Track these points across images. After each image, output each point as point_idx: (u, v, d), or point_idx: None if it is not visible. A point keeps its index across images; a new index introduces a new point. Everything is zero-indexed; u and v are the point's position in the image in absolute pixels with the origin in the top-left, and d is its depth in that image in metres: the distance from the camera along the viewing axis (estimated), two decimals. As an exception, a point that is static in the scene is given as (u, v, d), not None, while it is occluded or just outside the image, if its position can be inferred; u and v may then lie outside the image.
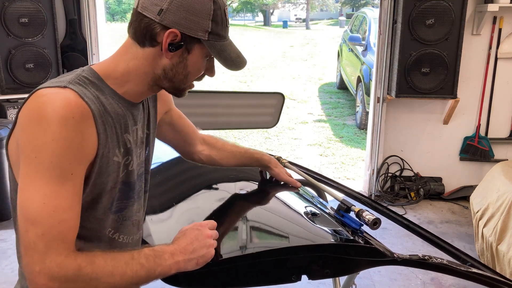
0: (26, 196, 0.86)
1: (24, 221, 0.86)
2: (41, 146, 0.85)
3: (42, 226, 0.85)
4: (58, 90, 0.89)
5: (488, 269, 1.37)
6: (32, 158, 0.86)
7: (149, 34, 0.95)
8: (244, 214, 1.31)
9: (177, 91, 1.05)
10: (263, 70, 12.43)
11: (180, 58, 0.98)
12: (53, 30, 3.58)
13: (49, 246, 0.85)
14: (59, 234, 0.86)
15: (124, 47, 1.01)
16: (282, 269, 1.13)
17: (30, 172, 0.86)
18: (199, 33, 0.96)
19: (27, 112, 0.88)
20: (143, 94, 1.05)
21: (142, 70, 0.99)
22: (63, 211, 0.87)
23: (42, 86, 0.92)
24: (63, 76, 0.96)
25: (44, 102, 0.87)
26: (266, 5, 38.29)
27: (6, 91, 3.50)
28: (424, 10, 3.45)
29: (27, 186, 0.86)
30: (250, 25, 34.77)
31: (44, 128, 0.85)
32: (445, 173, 3.98)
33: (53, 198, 0.86)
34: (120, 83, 0.99)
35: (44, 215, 0.85)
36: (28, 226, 0.85)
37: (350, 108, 7.81)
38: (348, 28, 9.06)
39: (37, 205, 0.85)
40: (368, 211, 1.27)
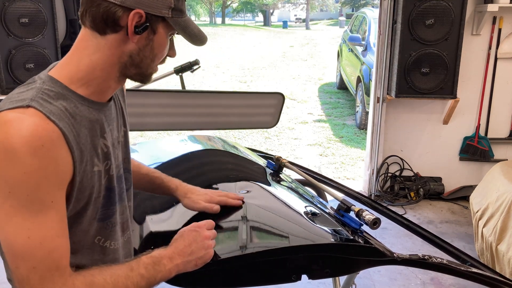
0: (9, 233, 0.82)
1: (12, 257, 0.82)
2: (13, 181, 0.80)
3: (33, 260, 0.81)
4: (21, 114, 0.82)
5: (488, 269, 1.38)
6: (6, 193, 0.80)
7: (110, 19, 0.87)
8: (244, 214, 1.31)
9: (144, 77, 0.98)
10: (263, 70, 12.43)
11: (146, 41, 0.92)
12: (53, 30, 3.58)
13: (43, 278, 0.82)
14: (51, 264, 0.83)
15: (81, 40, 0.92)
16: (282, 269, 1.13)
17: (7, 208, 0.81)
18: (163, 11, 0.90)
19: None
20: (111, 89, 0.97)
21: (107, 61, 0.91)
22: (51, 241, 0.83)
23: (2, 107, 0.84)
24: (21, 92, 0.87)
25: (8, 132, 0.79)
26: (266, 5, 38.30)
27: (6, 91, 3.50)
28: (424, 10, 3.45)
29: (7, 224, 0.81)
30: (250, 25, 34.78)
31: (13, 161, 0.79)
32: (445, 173, 3.99)
33: (38, 230, 0.82)
34: (86, 83, 0.92)
35: (32, 250, 0.81)
36: (18, 262, 0.82)
37: (350, 108, 7.81)
38: (348, 28, 9.07)
39: (22, 241, 0.81)
40: (368, 211, 1.27)
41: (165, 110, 2.38)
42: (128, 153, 1.12)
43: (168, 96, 2.42)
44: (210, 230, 1.06)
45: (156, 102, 2.36)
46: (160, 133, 5.85)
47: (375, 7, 7.55)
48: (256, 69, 12.48)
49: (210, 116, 2.43)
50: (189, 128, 2.71)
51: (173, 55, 1.02)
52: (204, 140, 2.02)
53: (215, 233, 1.06)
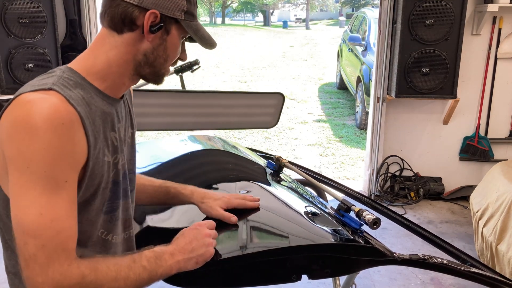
0: (21, 208, 0.83)
1: (21, 233, 0.83)
2: (32, 156, 0.82)
3: (42, 238, 0.83)
4: (43, 95, 0.86)
5: (488, 269, 1.38)
6: (24, 168, 0.83)
7: (128, 18, 0.93)
8: (244, 214, 1.31)
9: (157, 77, 1.03)
10: (263, 70, 12.43)
11: (160, 40, 0.97)
12: (53, 30, 3.58)
13: (50, 257, 0.83)
14: (60, 244, 0.84)
15: (100, 39, 0.97)
16: (282, 269, 1.13)
17: (22, 183, 0.83)
18: (176, 13, 0.96)
19: (13, 120, 0.84)
20: (124, 86, 1.02)
21: (123, 58, 0.96)
22: (61, 221, 0.85)
23: (24, 90, 0.88)
24: (43, 79, 0.91)
25: (31, 109, 0.83)
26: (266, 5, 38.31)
27: (6, 91, 3.50)
28: (424, 10, 3.45)
29: (21, 198, 0.83)
30: (250, 25, 34.78)
31: (33, 137, 0.82)
32: (445, 173, 3.99)
33: (50, 208, 0.84)
34: (102, 77, 0.96)
35: (42, 227, 0.83)
36: (27, 239, 0.83)
37: (350, 108, 7.81)
38: (348, 28, 9.07)
39: (34, 217, 0.83)
40: (368, 211, 1.27)
41: (165, 110, 2.38)
42: (134, 155, 1.14)
43: (168, 96, 2.42)
44: (211, 229, 1.07)
45: (156, 102, 2.36)
46: (160, 133, 5.85)
47: (375, 7, 7.55)
48: (256, 69, 12.48)
49: (210, 116, 2.43)
50: (189, 128, 2.71)
51: (184, 59, 1.08)
52: (204, 140, 2.02)
53: (216, 232, 1.07)
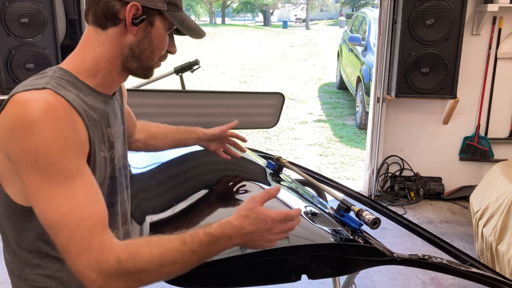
0: (41, 205, 0.84)
1: (50, 229, 0.85)
2: (37, 153, 0.82)
3: (67, 229, 0.83)
4: (37, 92, 0.86)
5: (488, 269, 1.38)
6: (32, 166, 0.83)
7: (110, 13, 0.94)
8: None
9: (146, 70, 1.03)
10: (263, 70, 12.43)
11: (144, 33, 0.97)
12: (53, 30, 3.58)
13: (80, 246, 0.83)
14: (86, 231, 0.84)
15: (86, 37, 0.98)
16: (282, 269, 1.13)
17: (35, 181, 0.84)
18: (159, 4, 0.96)
19: (11, 120, 0.84)
20: (115, 82, 1.02)
21: (110, 53, 0.97)
22: (82, 208, 0.85)
23: (17, 90, 0.87)
24: (35, 79, 0.91)
25: (27, 106, 0.83)
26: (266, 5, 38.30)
27: (6, 91, 3.50)
28: (424, 10, 3.45)
29: (38, 195, 0.84)
30: (250, 25, 34.77)
31: (34, 133, 0.82)
32: (445, 173, 3.99)
33: (67, 198, 0.84)
34: (93, 74, 0.97)
35: (64, 219, 0.83)
36: (55, 233, 0.84)
37: (350, 108, 7.81)
38: (348, 28, 9.07)
39: (54, 211, 0.83)
40: (368, 211, 1.28)
41: (165, 110, 2.38)
42: (125, 150, 1.14)
43: (168, 96, 2.42)
44: (285, 224, 0.97)
45: (156, 102, 2.36)
46: (160, 133, 5.84)
47: (375, 7, 7.55)
48: (256, 69, 12.48)
49: (210, 116, 2.43)
50: (189, 128, 2.71)
51: (174, 51, 1.07)
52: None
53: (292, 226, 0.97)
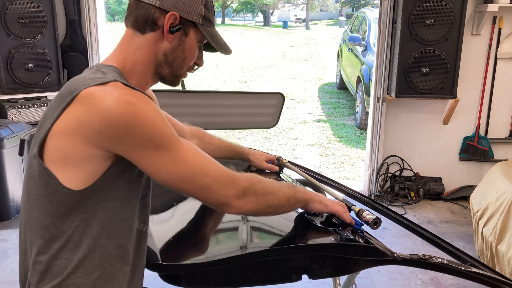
0: (168, 168, 0.96)
1: (184, 183, 0.99)
2: (147, 129, 0.93)
3: (207, 169, 1.00)
4: (117, 86, 0.94)
5: (488, 269, 1.38)
6: (146, 142, 0.93)
7: (150, 19, 1.02)
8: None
9: (175, 77, 1.11)
10: (263, 70, 12.43)
11: (178, 41, 1.05)
12: (53, 30, 3.58)
13: (217, 176, 1.00)
14: (213, 165, 1.01)
15: (125, 39, 1.06)
16: (283, 269, 1.13)
17: (153, 154, 0.95)
18: (195, 17, 1.05)
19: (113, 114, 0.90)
20: (148, 85, 1.11)
21: (147, 57, 1.05)
22: (198, 154, 1.01)
23: (87, 85, 0.94)
24: (95, 74, 0.98)
25: (121, 99, 0.92)
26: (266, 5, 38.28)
27: (6, 91, 3.50)
28: (424, 10, 3.45)
29: (161, 163, 0.96)
30: (250, 25, 34.75)
31: (138, 113, 0.92)
32: (445, 173, 3.99)
33: (186, 152, 0.98)
34: (131, 76, 1.05)
35: (200, 163, 0.99)
36: (191, 180, 0.98)
37: (350, 108, 7.81)
38: (348, 28, 9.06)
39: (181, 164, 0.97)
40: (368, 211, 1.27)
41: (165, 110, 2.37)
42: None
43: (168, 96, 2.42)
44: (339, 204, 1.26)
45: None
46: (160, 133, 5.84)
47: (375, 7, 7.55)
48: (256, 69, 12.48)
49: (210, 116, 2.43)
50: (189, 128, 2.71)
51: (201, 64, 1.17)
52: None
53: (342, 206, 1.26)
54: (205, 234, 1.28)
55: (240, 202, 1.02)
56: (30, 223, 1.01)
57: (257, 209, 1.06)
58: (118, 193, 1.00)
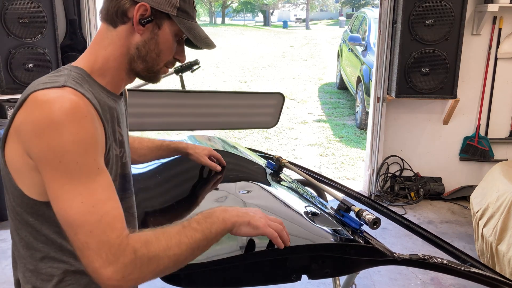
0: (63, 202, 0.86)
1: (69, 227, 0.86)
2: (63, 151, 0.85)
3: (88, 225, 0.85)
4: (60, 92, 0.88)
5: (488, 269, 1.38)
6: (57, 163, 0.85)
7: (120, 11, 0.97)
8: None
9: (152, 73, 1.05)
10: (263, 70, 12.43)
11: (151, 34, 0.99)
12: (53, 30, 3.58)
13: (100, 241, 0.85)
14: (107, 226, 0.86)
15: (99, 35, 1.02)
16: (282, 269, 1.13)
17: (58, 178, 0.86)
18: (168, 8, 0.98)
19: (37, 120, 0.85)
20: (123, 82, 1.05)
21: (119, 51, 1.00)
22: (103, 204, 0.87)
23: (36, 88, 0.89)
24: (52, 77, 0.94)
25: (53, 106, 0.85)
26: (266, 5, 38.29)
27: (6, 91, 3.50)
28: (424, 10, 3.46)
29: (59, 192, 0.86)
30: (250, 25, 34.76)
31: (61, 132, 0.84)
32: (445, 173, 3.99)
33: (89, 195, 0.86)
34: (103, 73, 1.00)
35: (86, 214, 0.85)
36: (75, 230, 0.85)
37: (350, 108, 7.81)
38: (348, 28, 9.07)
39: (76, 207, 0.85)
40: (368, 211, 1.27)
41: (165, 110, 2.38)
42: (129, 151, 1.15)
43: (168, 96, 2.42)
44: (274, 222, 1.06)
45: (156, 102, 2.36)
46: (160, 133, 5.85)
47: (375, 7, 7.55)
48: (256, 69, 12.48)
49: (210, 116, 2.43)
50: (189, 128, 2.71)
51: (182, 60, 1.09)
52: (204, 140, 2.02)
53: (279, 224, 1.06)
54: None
55: (115, 279, 0.86)
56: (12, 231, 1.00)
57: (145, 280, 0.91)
58: None
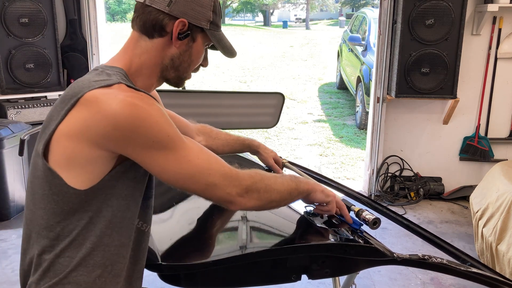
0: (178, 165, 0.97)
1: (188, 180, 0.99)
2: (152, 131, 0.94)
3: (211, 168, 1.00)
4: (121, 89, 0.95)
5: (488, 269, 1.38)
6: (152, 144, 0.94)
7: (158, 25, 1.02)
8: (244, 214, 1.31)
9: (180, 80, 1.12)
10: (263, 70, 12.43)
11: (186, 47, 1.06)
12: (53, 30, 3.58)
13: (224, 176, 1.01)
14: (219, 165, 1.02)
15: (131, 42, 1.06)
16: (282, 269, 1.13)
17: (162, 155, 0.96)
18: (203, 23, 1.05)
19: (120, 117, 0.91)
20: (152, 87, 1.10)
21: (153, 61, 1.05)
22: (205, 153, 1.02)
23: (91, 87, 0.94)
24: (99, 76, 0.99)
25: (126, 102, 0.92)
26: (266, 5, 38.28)
27: (6, 91, 3.50)
28: (424, 10, 3.45)
29: (177, 161, 0.97)
30: (250, 25, 34.74)
31: (143, 115, 0.93)
32: (445, 173, 3.98)
33: (190, 151, 0.99)
34: (135, 78, 1.05)
35: (205, 162, 1.00)
36: (197, 178, 0.99)
37: (350, 108, 7.81)
38: (348, 28, 9.06)
39: (193, 161, 0.98)
40: (368, 211, 1.27)
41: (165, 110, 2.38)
42: None
43: (168, 96, 2.42)
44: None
45: (156, 102, 2.36)
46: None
47: (375, 7, 7.55)
48: (256, 69, 12.47)
49: (210, 116, 2.43)
50: (189, 128, 2.71)
51: (206, 65, 1.17)
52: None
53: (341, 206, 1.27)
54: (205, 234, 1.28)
55: (243, 199, 1.04)
56: (34, 222, 1.01)
57: (259, 205, 1.08)
58: (122, 191, 1.00)
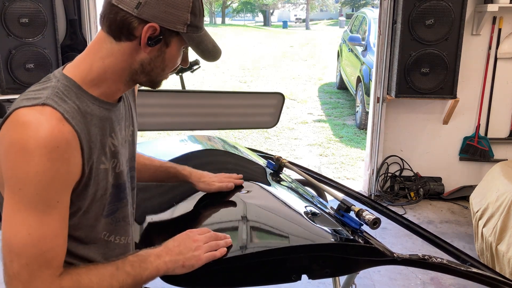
0: (11, 227, 0.84)
1: (8, 252, 0.84)
2: (25, 179, 0.82)
3: (26, 257, 0.83)
4: (39, 115, 0.84)
5: (488, 269, 1.38)
6: (16, 190, 0.83)
7: (126, 28, 0.90)
8: (244, 214, 1.31)
9: (153, 83, 1.01)
10: (263, 70, 12.43)
11: (158, 52, 0.94)
12: (54, 30, 3.58)
13: (33, 275, 0.84)
14: (44, 263, 0.85)
15: (97, 43, 0.95)
16: (282, 269, 1.13)
17: (14, 203, 0.84)
18: (178, 26, 0.92)
19: (10, 141, 0.83)
20: (120, 91, 1.00)
21: (119, 66, 0.94)
22: (49, 240, 0.85)
23: (20, 104, 0.86)
24: (38, 90, 0.90)
25: (27, 132, 0.82)
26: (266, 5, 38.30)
27: (6, 91, 3.50)
28: (424, 10, 3.45)
29: (11, 217, 0.84)
30: (250, 25, 34.75)
31: (28, 160, 0.81)
32: (445, 173, 3.99)
33: (38, 228, 0.84)
34: (97, 84, 0.94)
35: (28, 247, 0.83)
36: (13, 257, 0.84)
37: (350, 108, 7.81)
38: (348, 28, 9.07)
39: (21, 236, 0.83)
40: (368, 211, 1.27)
41: (165, 110, 2.38)
42: (134, 152, 1.15)
43: (168, 96, 2.42)
44: (203, 234, 1.05)
45: (156, 102, 2.36)
46: (160, 133, 5.85)
47: (375, 7, 7.55)
48: (256, 69, 12.47)
49: (210, 116, 2.43)
50: (189, 128, 2.71)
51: (185, 65, 1.05)
52: (204, 140, 2.02)
53: (205, 239, 1.04)
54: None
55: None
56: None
57: None
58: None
